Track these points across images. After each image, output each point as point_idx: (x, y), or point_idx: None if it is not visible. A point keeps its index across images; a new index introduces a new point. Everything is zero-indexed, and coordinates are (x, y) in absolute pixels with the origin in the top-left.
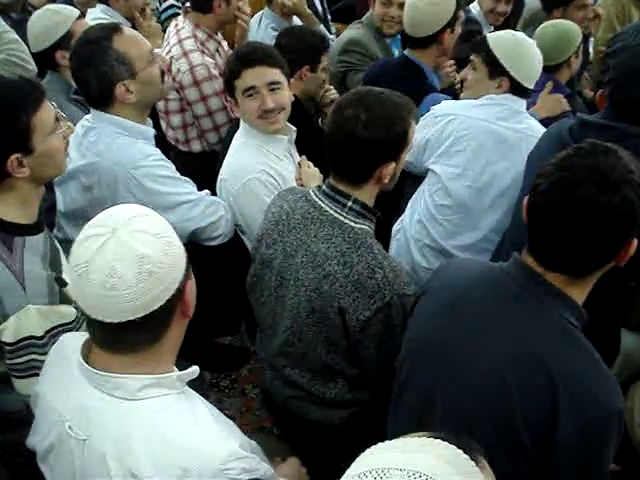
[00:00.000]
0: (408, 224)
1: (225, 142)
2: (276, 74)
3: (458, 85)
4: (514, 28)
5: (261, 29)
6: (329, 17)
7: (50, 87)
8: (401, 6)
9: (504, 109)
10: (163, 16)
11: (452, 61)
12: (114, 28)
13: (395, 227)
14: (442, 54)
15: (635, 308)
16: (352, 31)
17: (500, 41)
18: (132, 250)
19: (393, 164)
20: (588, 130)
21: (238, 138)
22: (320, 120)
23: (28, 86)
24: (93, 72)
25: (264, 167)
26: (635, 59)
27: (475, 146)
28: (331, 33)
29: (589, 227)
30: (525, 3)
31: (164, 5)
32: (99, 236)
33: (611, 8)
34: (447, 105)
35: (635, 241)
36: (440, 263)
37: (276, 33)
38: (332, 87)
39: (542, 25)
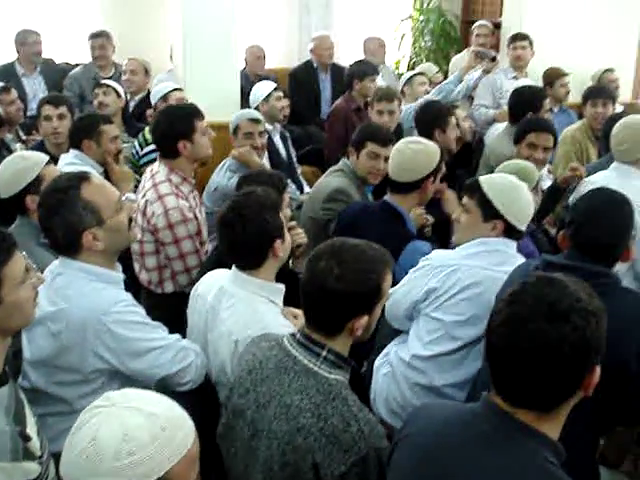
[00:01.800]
0: (396, 363)
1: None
2: None
3: (428, 229)
4: (476, 168)
5: (222, 171)
6: (294, 160)
7: (20, 231)
8: (387, 159)
9: (500, 255)
10: (143, 160)
11: (422, 206)
12: (82, 177)
13: (378, 362)
14: (421, 202)
15: (612, 444)
16: (336, 179)
17: (493, 184)
18: (120, 424)
19: (366, 317)
20: (552, 271)
21: (233, 288)
22: (290, 261)
23: None
24: (60, 220)
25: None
26: (591, 202)
27: (479, 293)
28: (293, 178)
29: (544, 360)
30: (485, 144)
31: (146, 149)
32: (98, 407)
33: (569, 147)
34: (444, 255)
35: (598, 368)
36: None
37: (232, 174)
38: (301, 230)
39: (503, 165)
